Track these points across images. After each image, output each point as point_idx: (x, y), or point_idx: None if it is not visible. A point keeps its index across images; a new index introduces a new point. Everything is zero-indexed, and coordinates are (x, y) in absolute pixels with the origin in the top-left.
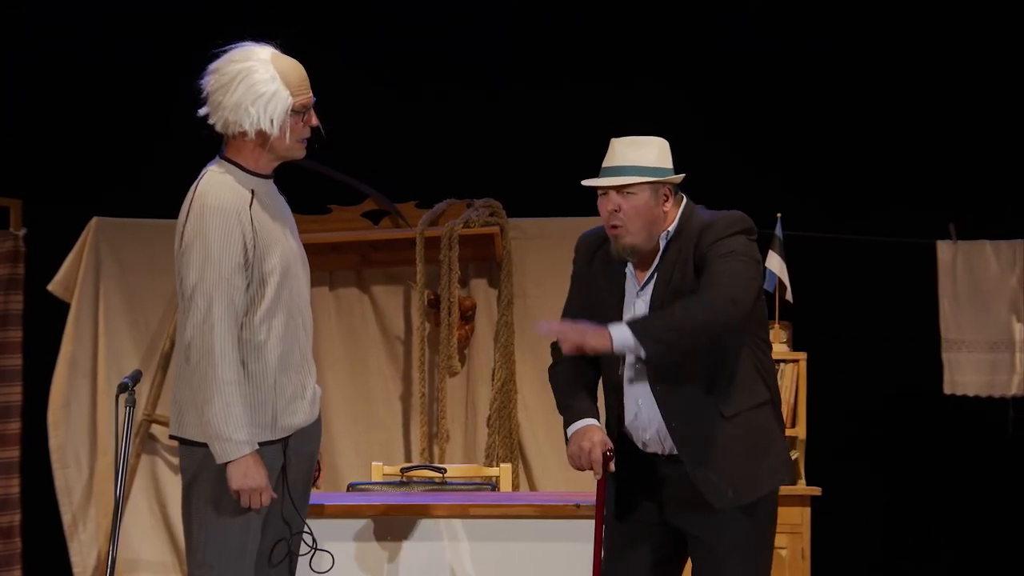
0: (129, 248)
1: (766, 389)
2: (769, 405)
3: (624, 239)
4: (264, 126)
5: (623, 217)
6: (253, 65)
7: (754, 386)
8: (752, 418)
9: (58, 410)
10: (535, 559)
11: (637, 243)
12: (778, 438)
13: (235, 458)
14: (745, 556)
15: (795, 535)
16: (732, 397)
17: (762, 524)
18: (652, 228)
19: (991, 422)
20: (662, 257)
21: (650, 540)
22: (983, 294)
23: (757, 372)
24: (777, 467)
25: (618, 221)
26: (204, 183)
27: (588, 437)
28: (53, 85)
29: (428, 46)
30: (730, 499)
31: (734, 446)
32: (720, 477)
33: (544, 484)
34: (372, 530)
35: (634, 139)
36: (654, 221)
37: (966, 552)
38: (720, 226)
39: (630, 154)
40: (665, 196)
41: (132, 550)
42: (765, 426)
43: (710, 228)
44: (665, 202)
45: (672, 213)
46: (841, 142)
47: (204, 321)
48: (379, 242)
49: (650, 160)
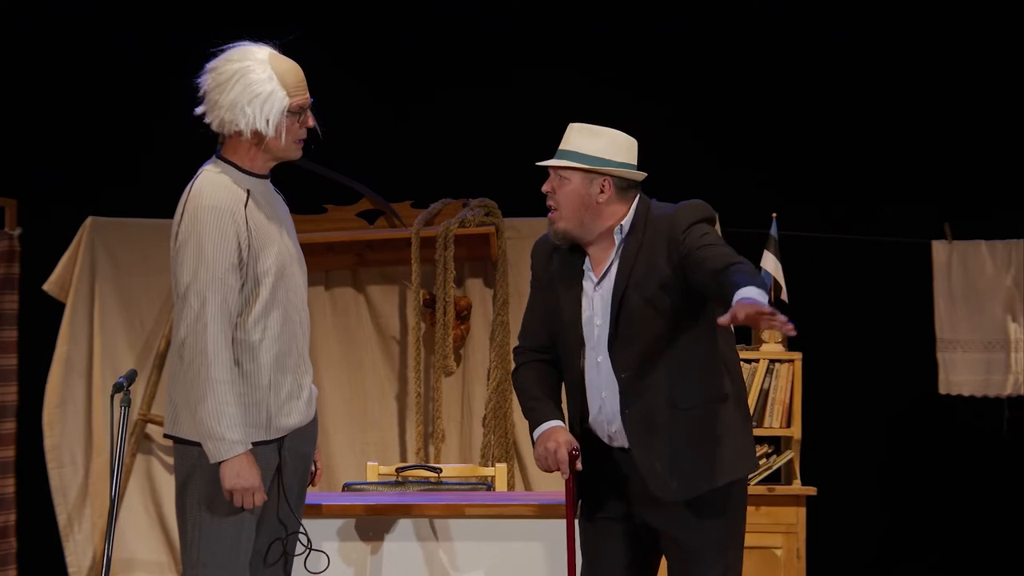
0: (124, 248)
1: (730, 383)
2: (730, 400)
3: (556, 223)
4: (260, 126)
5: (555, 200)
6: (250, 65)
7: (716, 379)
8: (709, 412)
9: (53, 410)
10: (531, 559)
11: (569, 228)
12: (738, 433)
13: (228, 457)
14: (713, 549)
15: (790, 535)
16: (691, 389)
17: (728, 517)
18: (585, 216)
19: (986, 422)
20: (619, 251)
21: (622, 536)
22: (978, 294)
23: (722, 365)
24: (735, 461)
25: (552, 203)
26: (199, 182)
27: (553, 438)
28: (49, 84)
29: (424, 45)
30: (673, 491)
31: (684, 438)
32: (664, 468)
33: (540, 484)
34: (368, 530)
35: (587, 127)
36: (586, 210)
37: (961, 551)
38: (684, 215)
39: (576, 140)
40: (601, 188)
41: (127, 550)
42: (723, 420)
43: (676, 218)
44: (600, 194)
45: (620, 209)
46: (836, 142)
47: (197, 320)
48: (375, 242)
49: (593, 150)
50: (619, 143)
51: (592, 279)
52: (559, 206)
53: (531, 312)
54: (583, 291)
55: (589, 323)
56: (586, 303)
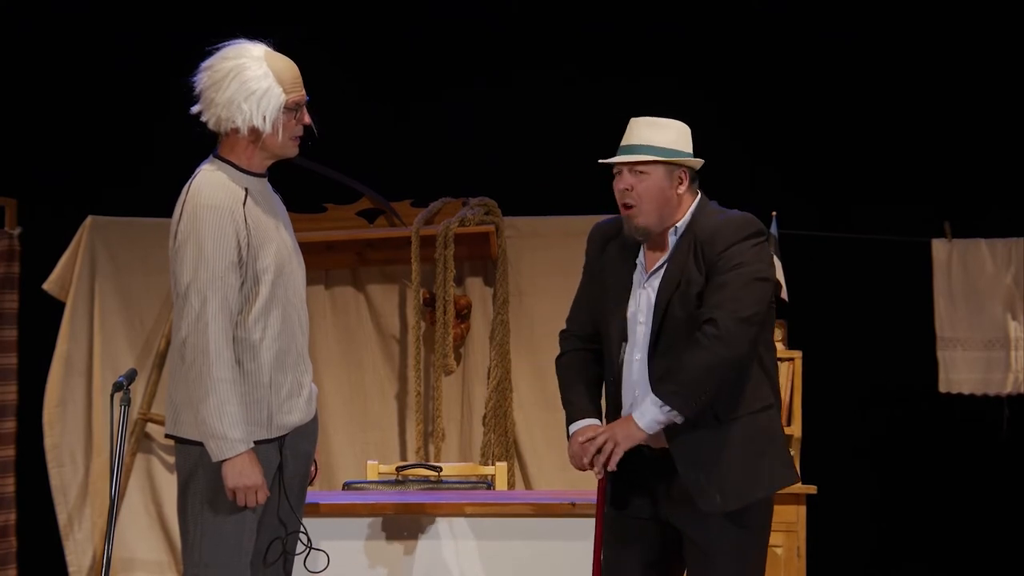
0: (124, 247)
1: (771, 392)
2: (773, 409)
3: (636, 219)
4: (257, 123)
5: (636, 197)
6: (246, 62)
7: (758, 389)
8: (752, 422)
9: (53, 409)
10: (531, 557)
11: (650, 224)
12: (780, 443)
13: (230, 456)
14: (736, 556)
15: (790, 533)
16: (734, 399)
17: (755, 525)
18: (664, 210)
19: (986, 420)
20: (672, 252)
21: (645, 537)
22: (978, 292)
23: (763, 374)
24: (775, 472)
25: (631, 200)
26: (197, 182)
27: (584, 438)
28: (49, 84)
29: (423, 44)
30: (718, 504)
31: (728, 451)
32: (709, 481)
33: (540, 483)
34: (368, 529)
35: (653, 119)
36: (666, 203)
37: (961, 550)
38: (727, 234)
39: (646, 133)
40: (680, 179)
41: (127, 549)
42: (766, 430)
43: (718, 235)
44: (679, 185)
45: (687, 202)
46: (836, 140)
47: (198, 319)
48: (375, 241)
49: (666, 141)
50: (686, 133)
51: (643, 273)
52: (639, 201)
53: (580, 296)
54: (632, 283)
55: (633, 319)
56: (633, 297)
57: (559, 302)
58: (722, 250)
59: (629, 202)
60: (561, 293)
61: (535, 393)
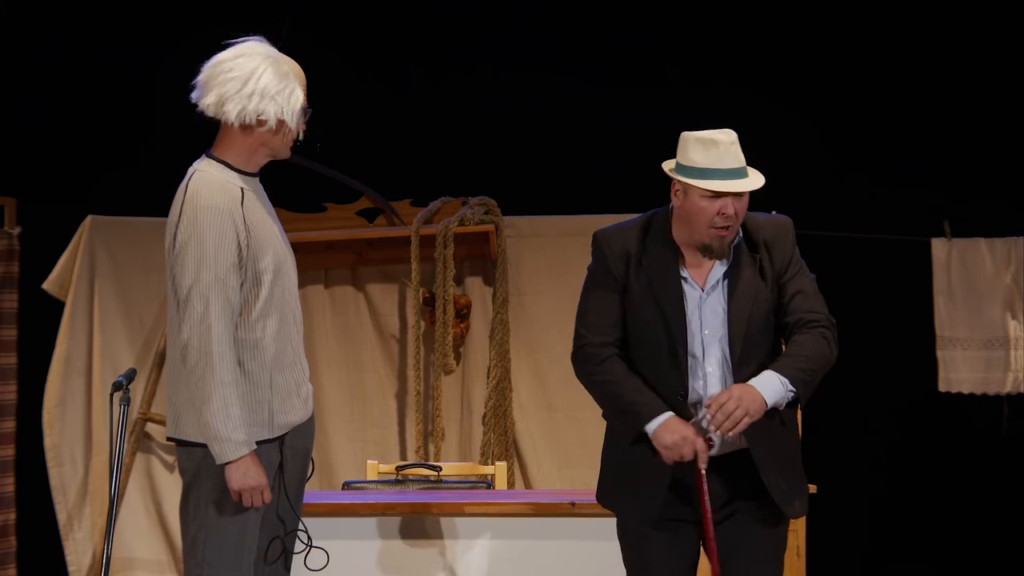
0: (124, 246)
1: None
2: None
3: (728, 238)
4: (287, 116)
5: (735, 219)
6: (275, 58)
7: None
8: (793, 423)
9: (53, 408)
10: (530, 557)
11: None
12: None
13: (234, 458)
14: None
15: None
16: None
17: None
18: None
19: (986, 420)
20: (733, 263)
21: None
22: (978, 292)
23: None
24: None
25: (732, 223)
26: (194, 182)
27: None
28: (47, 83)
29: (423, 43)
30: (796, 510)
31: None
32: (790, 487)
33: (539, 482)
34: (367, 528)
35: (732, 135)
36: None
37: (961, 549)
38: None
39: (738, 152)
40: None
41: (127, 548)
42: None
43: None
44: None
45: None
46: (835, 138)
47: (201, 322)
48: (374, 240)
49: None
50: None
51: (697, 289)
52: (735, 223)
53: (604, 306)
54: (685, 297)
55: (697, 333)
56: (692, 314)
57: (559, 302)
58: (789, 256)
59: (732, 225)
60: (561, 293)
61: (535, 393)
